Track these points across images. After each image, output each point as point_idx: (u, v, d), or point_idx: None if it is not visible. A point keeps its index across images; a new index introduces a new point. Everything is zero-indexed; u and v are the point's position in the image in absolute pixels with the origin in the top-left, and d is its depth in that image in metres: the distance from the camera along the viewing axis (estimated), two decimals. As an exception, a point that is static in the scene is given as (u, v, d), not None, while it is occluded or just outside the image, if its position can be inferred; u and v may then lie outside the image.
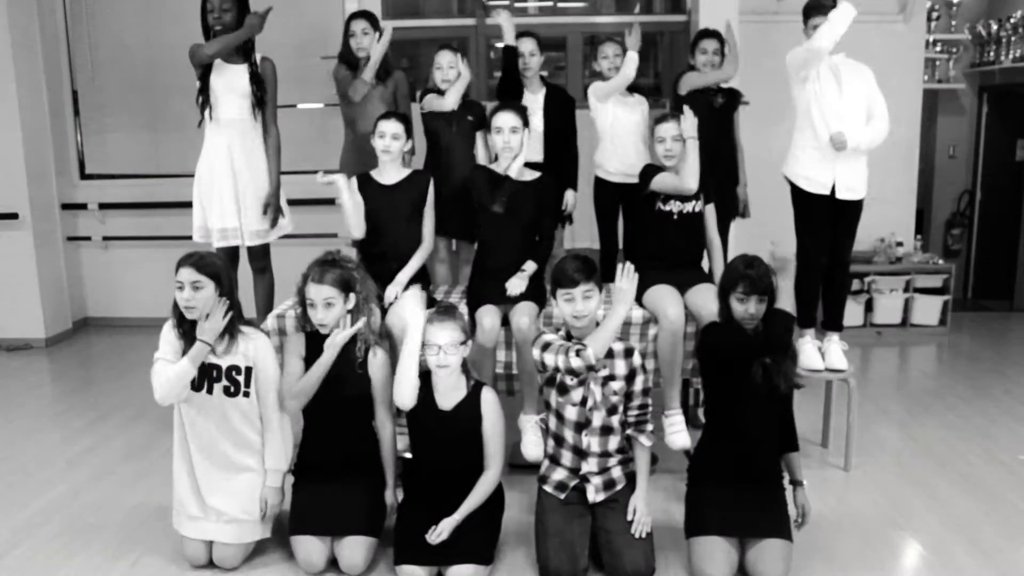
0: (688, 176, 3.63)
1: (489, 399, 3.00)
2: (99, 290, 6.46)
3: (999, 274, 6.87)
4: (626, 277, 2.93)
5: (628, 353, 3.02)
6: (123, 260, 6.37)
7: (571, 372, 2.86)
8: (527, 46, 4.37)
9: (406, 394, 2.98)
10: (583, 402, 2.95)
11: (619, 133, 4.40)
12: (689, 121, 3.67)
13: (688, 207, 3.70)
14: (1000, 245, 6.84)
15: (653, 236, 3.76)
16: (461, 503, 2.94)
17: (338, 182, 3.59)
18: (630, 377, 3.00)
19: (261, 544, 3.12)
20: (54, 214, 6.13)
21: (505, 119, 3.63)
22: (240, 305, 3.01)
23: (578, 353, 2.81)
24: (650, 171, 3.74)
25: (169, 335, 2.98)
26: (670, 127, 3.66)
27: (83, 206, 6.29)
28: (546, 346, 2.92)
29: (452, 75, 4.11)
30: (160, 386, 2.90)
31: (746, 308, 2.87)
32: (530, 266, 3.63)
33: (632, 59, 4.22)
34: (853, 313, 5.84)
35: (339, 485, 3.04)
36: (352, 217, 3.64)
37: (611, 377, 2.99)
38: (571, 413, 2.97)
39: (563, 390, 2.98)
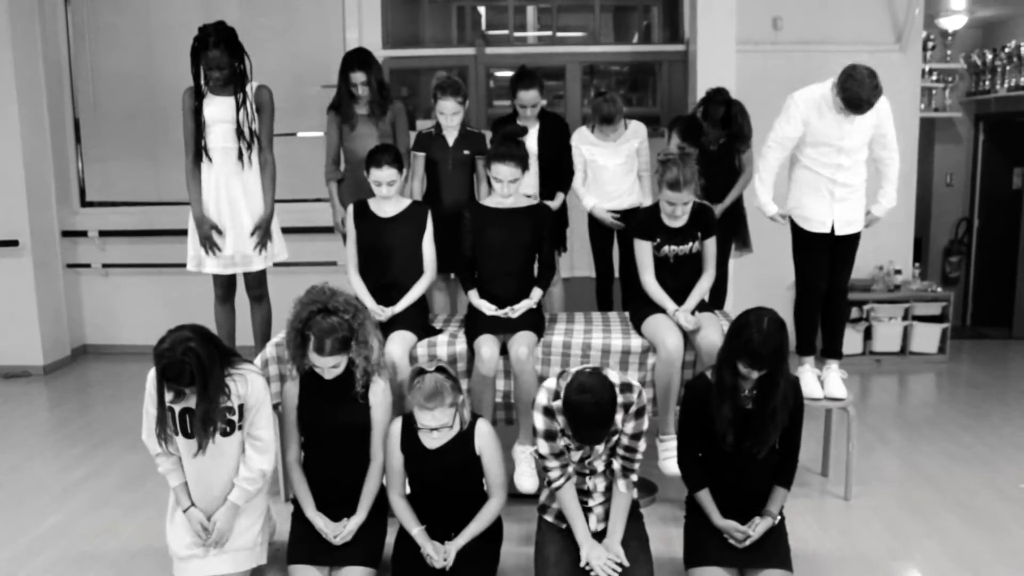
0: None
1: (484, 431, 2.96)
2: (98, 317, 6.45)
3: (997, 301, 6.88)
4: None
5: (627, 407, 2.85)
6: (122, 288, 6.37)
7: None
8: (530, 97, 4.25)
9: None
10: (582, 459, 2.88)
11: (596, 173, 4.41)
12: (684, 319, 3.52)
13: (684, 249, 3.60)
14: (998, 272, 6.85)
15: None
16: (461, 530, 2.92)
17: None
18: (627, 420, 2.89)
19: (258, 573, 3.09)
20: (54, 241, 6.14)
21: (504, 172, 3.54)
22: (227, 358, 2.89)
23: (552, 492, 2.91)
24: (638, 231, 3.64)
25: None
26: (682, 196, 3.43)
27: (83, 233, 6.30)
28: (539, 455, 2.90)
29: (455, 121, 4.11)
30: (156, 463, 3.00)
31: (748, 373, 2.79)
32: (536, 293, 3.63)
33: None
34: (852, 341, 5.83)
35: (338, 515, 3.02)
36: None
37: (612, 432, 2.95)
38: (572, 468, 2.92)
39: (561, 455, 2.91)
